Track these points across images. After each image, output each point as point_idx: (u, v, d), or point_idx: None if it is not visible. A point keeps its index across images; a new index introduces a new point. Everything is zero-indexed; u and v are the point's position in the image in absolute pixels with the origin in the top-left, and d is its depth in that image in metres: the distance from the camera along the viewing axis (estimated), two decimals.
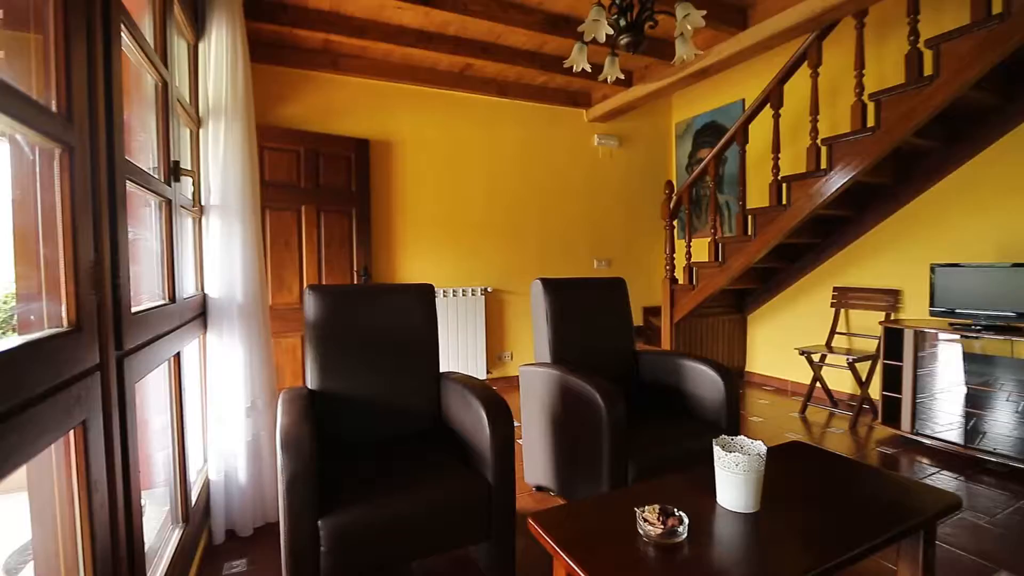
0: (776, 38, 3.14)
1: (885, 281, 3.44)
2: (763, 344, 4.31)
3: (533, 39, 3.63)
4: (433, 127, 4.15)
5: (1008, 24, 2.27)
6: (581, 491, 1.91)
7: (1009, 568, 1.73)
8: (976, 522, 2.04)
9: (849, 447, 2.89)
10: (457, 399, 1.81)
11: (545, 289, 2.31)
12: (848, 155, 2.93)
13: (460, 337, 4.17)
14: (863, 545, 1.11)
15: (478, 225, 4.34)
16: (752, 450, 1.24)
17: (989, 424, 2.59)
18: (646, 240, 5.14)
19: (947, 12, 3.01)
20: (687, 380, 2.18)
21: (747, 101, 4.37)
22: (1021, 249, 2.81)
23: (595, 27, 2.14)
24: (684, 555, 1.08)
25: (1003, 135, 2.86)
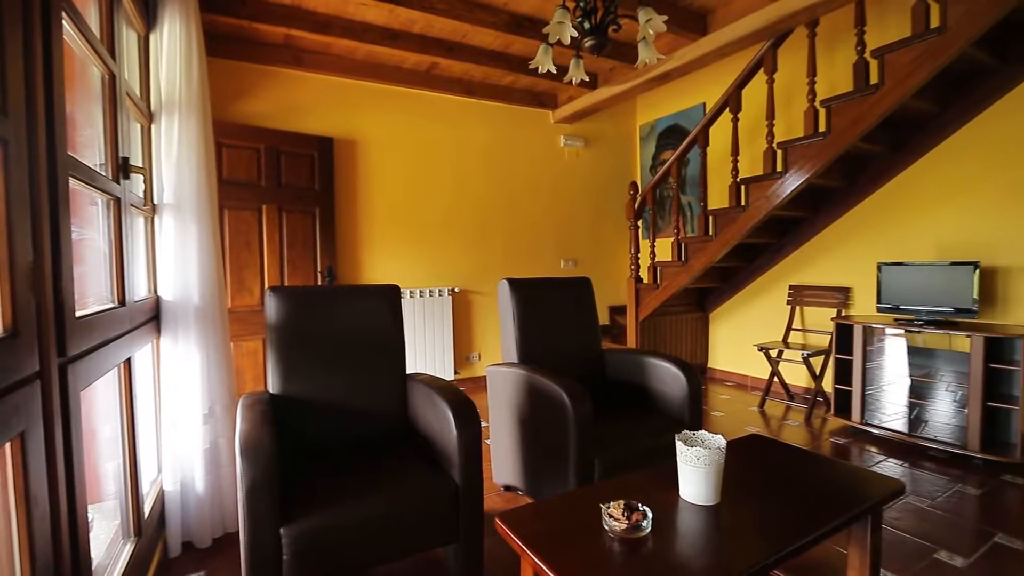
0: (734, 45, 3.24)
1: (836, 279, 3.60)
2: (724, 341, 4.44)
3: (499, 39, 3.64)
4: (399, 126, 4.10)
5: (945, 37, 2.41)
6: (549, 489, 1.93)
7: (948, 547, 1.84)
8: (919, 506, 2.16)
9: (804, 438, 3.01)
10: (424, 400, 1.80)
11: (512, 289, 2.32)
12: (802, 158, 3.06)
13: (427, 338, 4.13)
14: (816, 532, 1.16)
15: (445, 225, 4.32)
16: (712, 444, 1.28)
17: (930, 413, 2.75)
18: (612, 240, 5.22)
19: (891, 24, 3.17)
20: (652, 377, 2.23)
21: (708, 105, 4.50)
22: (958, 248, 2.99)
23: (560, 29, 2.16)
24: (648, 549, 1.10)
25: (941, 142, 3.04)
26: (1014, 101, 2.76)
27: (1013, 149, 2.77)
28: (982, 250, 2.90)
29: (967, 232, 2.96)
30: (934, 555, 1.80)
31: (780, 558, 1.09)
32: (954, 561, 1.76)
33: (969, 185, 2.94)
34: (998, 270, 2.84)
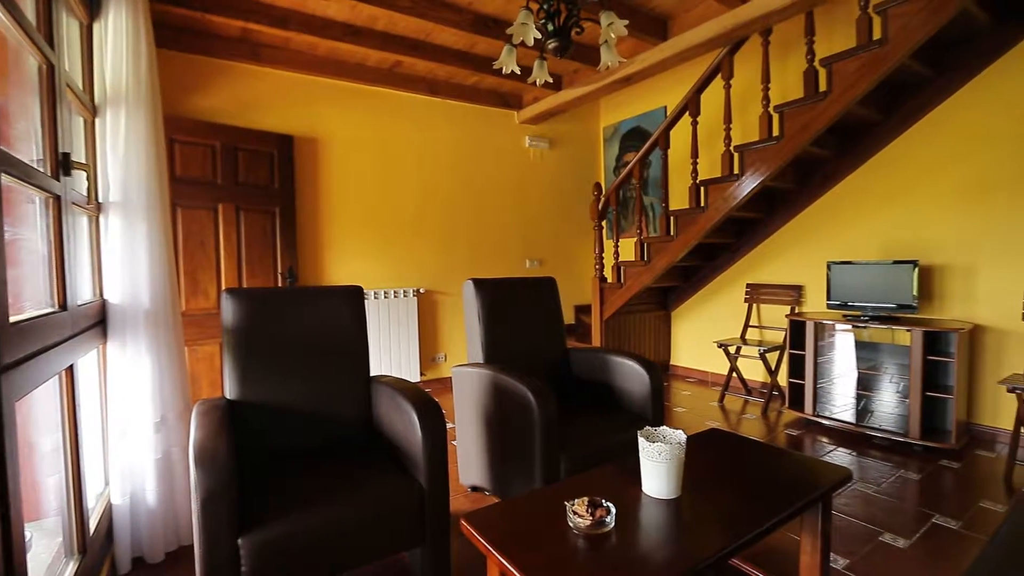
0: (693, 50, 3.34)
1: (790, 278, 3.75)
2: (686, 338, 4.56)
3: (463, 39, 3.63)
4: (362, 124, 4.03)
5: (885, 49, 2.55)
6: (515, 489, 1.94)
7: (892, 530, 1.95)
8: (866, 492, 2.28)
9: (761, 431, 3.12)
10: (388, 403, 1.77)
11: (477, 289, 2.31)
12: (757, 161, 3.17)
13: (392, 340, 4.08)
14: (771, 521, 1.21)
15: (410, 225, 4.27)
16: (673, 439, 1.31)
17: (876, 404, 2.91)
18: (576, 240, 5.29)
19: (838, 35, 3.33)
20: (616, 375, 2.27)
21: (669, 108, 4.61)
22: (900, 248, 3.17)
23: (523, 30, 2.17)
24: (612, 544, 1.12)
25: (883, 147, 3.21)
26: (946, 111, 2.94)
27: (946, 155, 2.95)
28: (921, 249, 3.08)
29: (908, 232, 3.14)
30: (879, 538, 1.90)
31: (738, 547, 1.13)
32: (897, 543, 1.87)
33: (908, 188, 3.12)
34: (935, 268, 3.03)
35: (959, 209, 2.92)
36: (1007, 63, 2.73)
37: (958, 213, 2.93)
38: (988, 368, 2.85)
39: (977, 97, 2.84)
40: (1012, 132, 2.72)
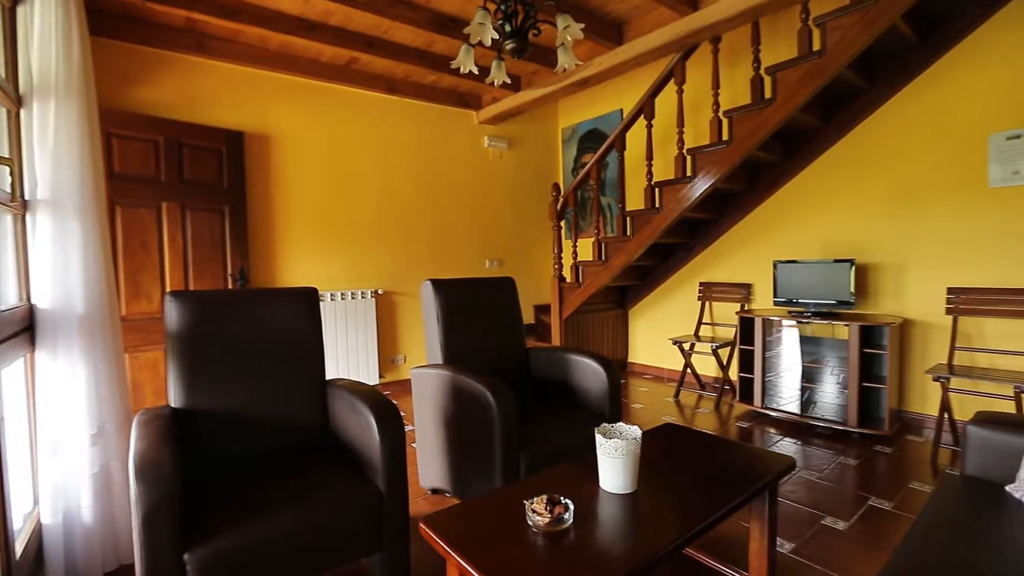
0: (647, 55, 3.42)
1: (740, 276, 3.91)
2: (643, 336, 4.68)
3: (421, 37, 3.59)
4: (318, 122, 3.92)
5: (824, 59, 2.70)
6: (476, 489, 1.93)
7: (832, 513, 2.07)
8: (809, 478, 2.40)
9: (714, 424, 3.24)
10: (344, 406, 1.74)
11: (435, 290, 2.30)
12: (708, 164, 3.29)
13: (350, 342, 3.99)
14: (721, 511, 1.26)
15: (368, 225, 4.19)
16: (629, 435, 1.34)
17: (819, 395, 3.07)
18: (536, 240, 5.33)
19: (782, 44, 3.50)
20: (574, 373, 2.30)
21: (625, 111, 4.72)
22: (839, 247, 3.36)
23: (481, 30, 2.17)
24: (570, 540, 1.13)
25: (823, 152, 3.40)
26: (879, 119, 3.14)
27: (877, 162, 3.15)
28: (857, 249, 3.27)
29: (845, 233, 3.33)
30: (821, 521, 2.01)
31: (691, 537, 1.17)
32: (837, 525, 1.98)
33: (845, 192, 3.31)
34: (869, 266, 3.23)
35: (889, 212, 3.13)
36: (929, 78, 2.93)
37: (888, 216, 3.13)
38: (916, 359, 3.06)
39: (904, 108, 3.04)
40: (933, 143, 2.93)
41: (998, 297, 2.70)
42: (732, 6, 2.85)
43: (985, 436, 1.44)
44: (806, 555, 1.79)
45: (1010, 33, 2.66)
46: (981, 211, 2.80)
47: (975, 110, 2.79)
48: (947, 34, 2.84)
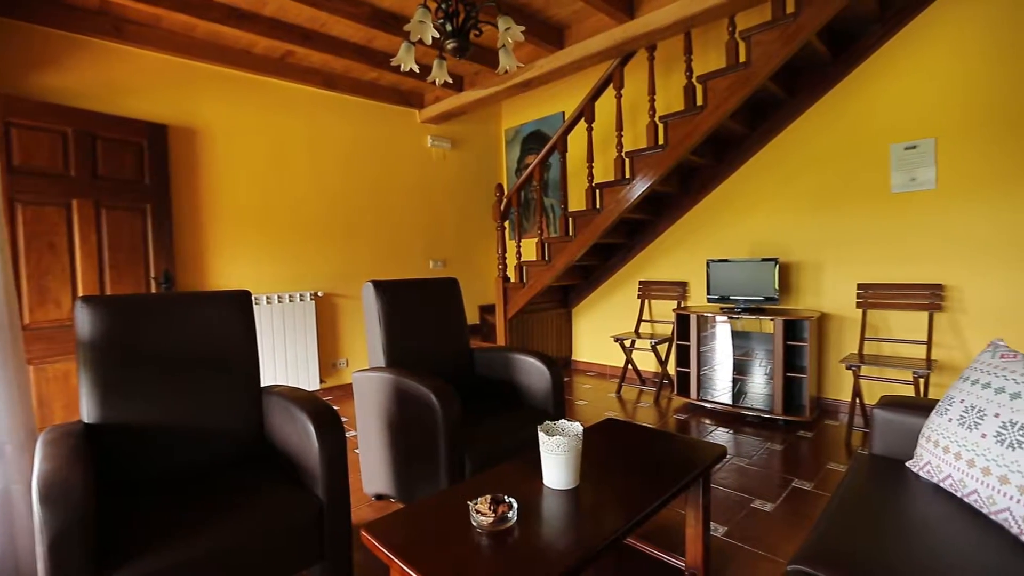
0: (587, 60, 3.51)
1: (676, 275, 4.09)
2: (586, 334, 4.79)
3: (361, 32, 3.50)
4: (251, 116, 3.74)
5: (749, 70, 2.87)
6: (421, 492, 1.91)
7: (761, 496, 2.20)
8: (740, 464, 2.55)
9: (654, 418, 3.37)
10: (281, 414, 1.67)
11: (377, 291, 2.25)
12: (645, 167, 3.41)
13: (289, 347, 3.84)
14: (659, 500, 1.31)
15: (306, 225, 4.04)
16: (571, 432, 1.37)
17: (749, 386, 3.26)
18: (480, 240, 5.33)
19: (712, 55, 3.69)
20: (519, 373, 2.32)
21: (567, 113, 4.81)
22: (764, 247, 3.58)
23: (421, 28, 2.15)
24: (514, 538, 1.14)
25: (750, 158, 3.61)
26: (799, 127, 3.37)
27: (797, 168, 3.39)
28: (780, 248, 3.50)
29: (771, 233, 3.56)
30: (751, 504, 2.14)
31: (631, 527, 1.21)
32: (765, 507, 2.11)
33: (770, 195, 3.54)
34: (791, 265, 3.46)
35: (808, 214, 3.37)
36: (840, 91, 3.19)
37: (808, 218, 3.37)
38: (832, 349, 3.32)
39: (819, 119, 3.28)
40: (844, 151, 3.19)
41: (899, 292, 2.98)
42: (666, 16, 2.97)
43: (889, 418, 1.58)
44: (738, 537, 1.90)
45: (906, 54, 2.94)
46: (885, 214, 3.07)
47: (878, 122, 3.06)
48: (854, 52, 3.09)
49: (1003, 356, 1.29)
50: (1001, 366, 1.25)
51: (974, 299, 2.81)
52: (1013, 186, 2.67)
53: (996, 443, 1.13)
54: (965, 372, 1.36)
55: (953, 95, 2.82)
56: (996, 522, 1.12)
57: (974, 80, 2.75)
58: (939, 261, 2.90)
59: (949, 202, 2.86)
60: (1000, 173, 2.70)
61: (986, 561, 1.01)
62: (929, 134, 2.89)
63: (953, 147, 2.83)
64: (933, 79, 2.87)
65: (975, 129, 2.76)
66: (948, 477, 1.24)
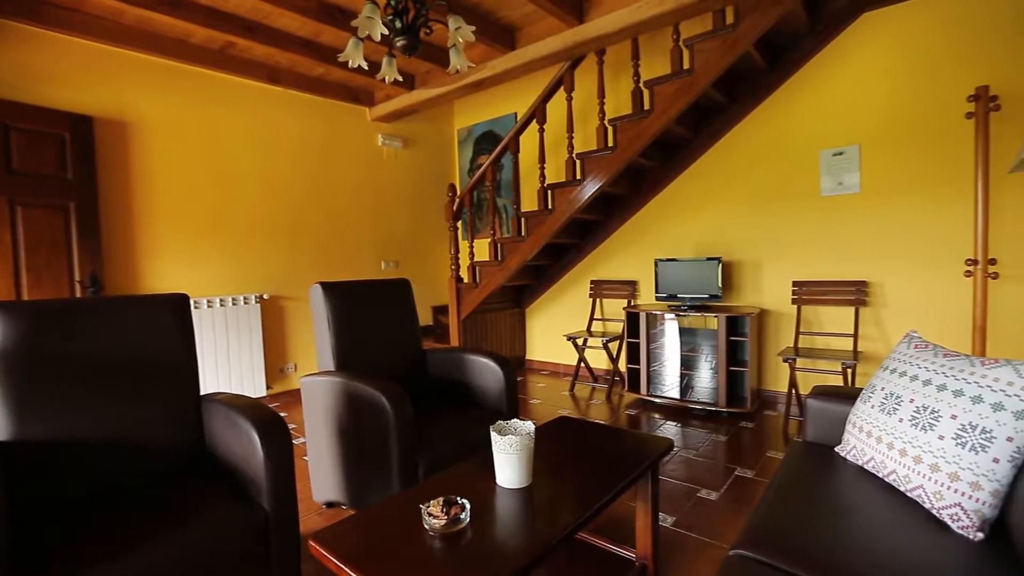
0: (539, 62, 3.54)
1: (626, 274, 4.20)
2: (539, 333, 4.84)
3: (307, 26, 3.39)
4: (189, 109, 3.55)
5: (693, 77, 2.99)
6: (374, 498, 1.88)
7: (706, 486, 2.30)
8: (687, 456, 2.65)
9: (606, 414, 3.45)
10: (223, 423, 1.59)
11: (326, 293, 2.19)
12: (595, 168, 3.49)
13: (233, 352, 3.67)
14: (609, 494, 1.34)
15: (251, 225, 3.87)
16: (523, 431, 1.39)
17: (696, 381, 3.39)
18: (432, 241, 5.28)
19: (659, 61, 3.81)
20: (472, 373, 2.32)
21: (519, 114, 4.84)
22: (709, 246, 3.74)
23: (369, 24, 2.10)
24: (467, 539, 1.14)
25: (695, 161, 3.76)
26: (740, 133, 3.54)
27: (738, 171, 3.56)
28: (723, 248, 3.67)
29: (714, 233, 3.71)
30: (697, 494, 2.23)
31: (582, 523, 1.23)
32: (711, 496, 2.21)
33: (714, 196, 3.70)
34: (733, 263, 3.63)
35: (749, 215, 3.54)
36: (776, 99, 3.37)
37: (748, 219, 3.55)
38: (771, 343, 3.51)
39: (758, 125, 3.46)
40: (780, 156, 3.37)
41: (829, 288, 3.18)
42: (614, 22, 3.04)
43: (820, 407, 1.69)
44: (685, 526, 1.97)
45: (833, 66, 3.15)
46: (816, 215, 3.27)
47: (809, 129, 3.26)
48: (788, 63, 3.28)
49: (917, 346, 1.41)
50: (915, 356, 1.36)
51: (894, 294, 3.04)
52: (927, 191, 2.91)
53: (911, 426, 1.23)
54: (885, 362, 1.47)
55: (875, 106, 3.04)
56: (912, 499, 1.22)
57: (892, 92, 2.98)
58: (864, 260, 3.12)
59: (872, 205, 3.08)
60: (916, 179, 2.94)
61: (903, 535, 1.10)
62: (854, 141, 3.11)
63: (875, 154, 3.05)
64: (857, 90, 3.09)
65: (894, 138, 2.99)
66: (871, 459, 1.34)
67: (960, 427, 1.13)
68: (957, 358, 1.26)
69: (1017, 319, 2.71)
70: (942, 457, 1.14)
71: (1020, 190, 2.67)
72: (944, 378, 1.23)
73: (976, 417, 1.11)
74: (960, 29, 2.78)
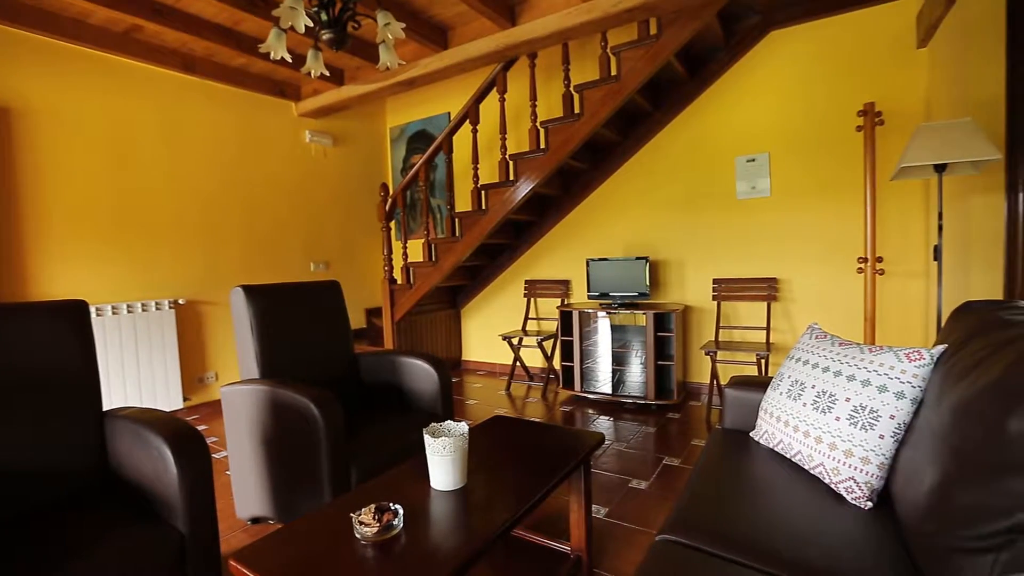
0: (471, 62, 3.54)
1: (560, 273, 4.29)
2: (475, 334, 4.84)
3: (225, 12, 3.19)
4: (89, 97, 3.23)
5: (619, 83, 3.11)
6: (304, 510, 1.80)
7: (637, 476, 2.40)
8: (619, 448, 2.75)
9: (541, 412, 3.50)
10: (130, 440, 1.46)
11: (248, 297, 2.07)
12: (528, 170, 3.54)
13: (144, 363, 3.38)
14: (543, 490, 1.37)
15: (164, 225, 3.59)
16: (456, 432, 1.38)
17: (627, 376, 3.53)
18: (365, 242, 5.14)
19: (589, 66, 3.92)
20: (406, 376, 2.28)
21: (452, 114, 4.81)
22: (637, 246, 3.90)
23: (292, 15, 2.01)
24: (401, 545, 1.12)
25: (623, 164, 3.91)
26: (664, 138, 3.73)
27: (662, 173, 3.75)
28: (650, 248, 3.84)
29: (642, 234, 3.88)
30: (628, 484, 2.32)
31: (516, 520, 1.25)
32: (641, 486, 2.30)
33: (641, 198, 3.86)
34: (660, 262, 3.81)
35: (673, 217, 3.74)
36: (696, 107, 3.58)
37: (672, 220, 3.74)
38: (694, 337, 3.72)
39: (680, 131, 3.66)
40: (700, 161, 3.58)
41: (745, 285, 3.42)
42: (545, 27, 3.10)
43: (736, 396, 1.81)
44: (617, 516, 2.05)
45: (745, 78, 3.39)
46: (733, 217, 3.51)
47: (726, 136, 3.49)
48: (706, 74, 3.49)
49: (818, 337, 1.54)
50: (816, 345, 1.50)
51: (800, 289, 3.32)
52: (827, 195, 3.20)
53: (813, 410, 1.35)
54: (791, 352, 1.60)
55: (781, 117, 3.30)
56: (814, 475, 1.34)
57: (796, 105, 3.25)
58: (774, 258, 3.39)
59: (781, 208, 3.34)
60: (818, 184, 3.22)
61: (806, 509, 1.20)
62: (765, 149, 3.36)
63: (783, 161, 3.31)
64: (766, 102, 3.34)
65: (799, 147, 3.26)
66: (780, 442, 1.46)
67: (853, 408, 1.25)
68: (850, 346, 1.40)
69: (900, 310, 3.05)
70: (838, 436, 1.26)
71: (900, 196, 3.01)
72: (840, 365, 1.36)
73: (865, 399, 1.24)
74: (851, 50, 3.08)
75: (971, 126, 1.90)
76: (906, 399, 1.19)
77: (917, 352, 1.22)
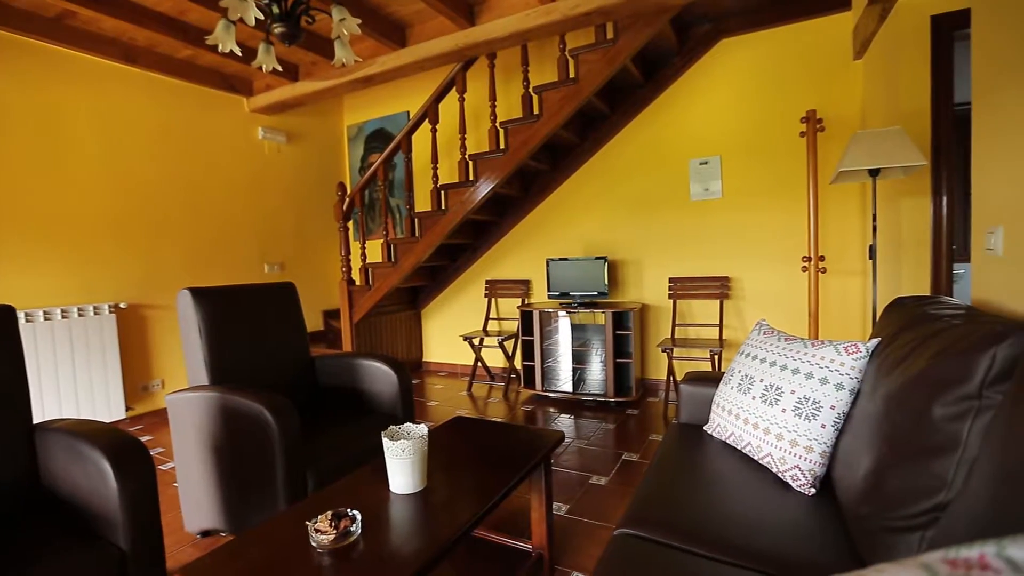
0: (430, 61, 3.51)
1: (520, 273, 4.31)
2: (436, 335, 4.80)
3: (170, 2, 3.05)
4: (14, 86, 3.00)
5: (578, 86, 3.15)
6: (257, 520, 1.73)
7: (597, 472, 2.44)
8: (580, 446, 2.79)
9: (503, 411, 3.51)
10: (64, 455, 1.37)
11: (196, 300, 1.98)
12: (488, 170, 3.54)
13: (81, 371, 3.18)
14: (503, 490, 1.37)
15: (102, 225, 3.38)
16: (416, 434, 1.37)
17: (587, 374, 3.58)
18: (322, 242, 5.01)
19: (548, 68, 3.96)
20: (365, 379, 2.24)
21: (411, 113, 4.75)
22: (596, 246, 3.96)
23: (241, 7, 1.94)
24: (359, 552, 1.10)
25: (582, 165, 3.97)
26: (621, 140, 3.81)
27: (619, 175, 3.83)
28: (609, 248, 3.91)
29: (601, 234, 3.95)
30: (589, 481, 2.36)
31: (476, 521, 1.25)
32: (601, 482, 2.34)
33: (600, 199, 3.93)
34: (618, 262, 3.89)
35: (630, 217, 3.82)
36: (652, 111, 3.68)
37: (630, 220, 3.83)
38: (652, 335, 3.81)
39: (637, 134, 3.75)
40: (656, 163, 3.68)
41: (699, 283, 3.54)
42: (504, 27, 3.11)
43: (691, 391, 1.87)
44: (578, 512, 2.08)
45: (697, 83, 3.51)
46: (687, 218, 3.62)
47: (680, 139, 3.60)
48: (661, 79, 3.59)
49: (766, 333, 1.61)
50: (764, 341, 1.57)
51: (750, 287, 3.46)
52: (774, 197, 3.35)
53: (761, 403, 1.41)
54: (742, 347, 1.67)
55: (731, 121, 3.43)
56: (763, 465, 1.40)
57: (744, 110, 3.39)
58: (726, 257, 3.52)
59: (732, 209, 3.47)
60: (765, 187, 3.37)
61: (756, 497, 1.26)
62: (716, 152, 3.48)
63: (734, 164, 3.44)
64: (717, 106, 3.47)
65: (747, 150, 3.40)
66: (732, 434, 1.51)
67: (797, 400, 1.32)
68: (795, 341, 1.47)
69: (840, 306, 3.23)
70: (784, 427, 1.32)
71: (840, 199, 3.18)
72: (786, 359, 1.42)
73: (809, 391, 1.31)
74: (796, 59, 3.24)
75: (901, 134, 2.03)
76: (845, 390, 1.26)
77: (854, 345, 1.30)
